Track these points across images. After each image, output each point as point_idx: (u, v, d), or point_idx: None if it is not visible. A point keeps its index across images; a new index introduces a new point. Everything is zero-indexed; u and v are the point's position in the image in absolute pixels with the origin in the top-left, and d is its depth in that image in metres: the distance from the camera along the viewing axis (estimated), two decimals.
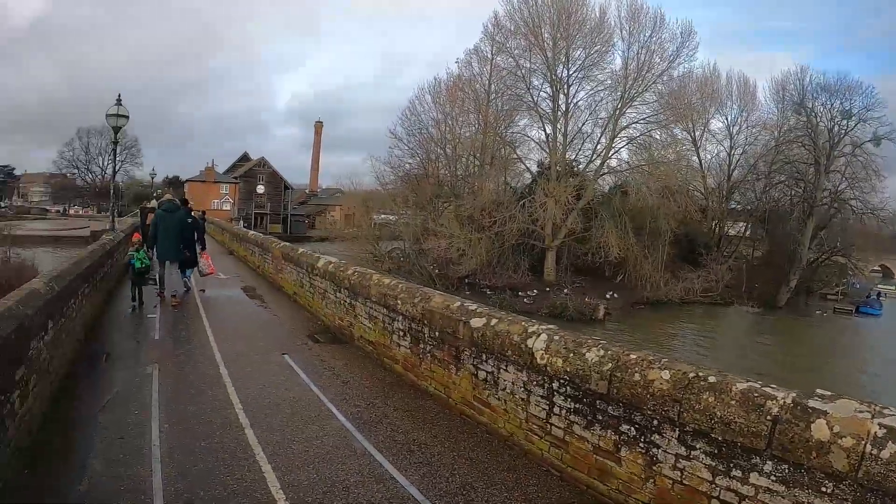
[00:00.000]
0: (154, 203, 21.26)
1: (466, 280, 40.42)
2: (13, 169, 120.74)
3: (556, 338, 5.74)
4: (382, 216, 53.67)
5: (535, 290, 40.57)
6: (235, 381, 8.05)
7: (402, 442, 6.30)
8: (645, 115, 43.41)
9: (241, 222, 58.79)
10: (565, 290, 40.16)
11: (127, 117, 19.13)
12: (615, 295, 41.35)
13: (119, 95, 18.81)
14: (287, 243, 18.73)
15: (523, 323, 6.31)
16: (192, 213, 16.53)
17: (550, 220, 41.63)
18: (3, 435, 4.94)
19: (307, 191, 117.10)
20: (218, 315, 13.02)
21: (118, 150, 21.78)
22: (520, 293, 39.59)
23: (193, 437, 6.18)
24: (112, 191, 26.39)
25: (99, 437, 6.13)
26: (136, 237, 14.98)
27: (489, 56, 47.50)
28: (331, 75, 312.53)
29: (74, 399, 7.22)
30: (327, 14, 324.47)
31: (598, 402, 5.11)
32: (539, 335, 5.89)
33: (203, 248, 16.16)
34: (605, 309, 37.42)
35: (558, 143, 43.67)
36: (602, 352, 5.22)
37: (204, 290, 15.76)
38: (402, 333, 8.58)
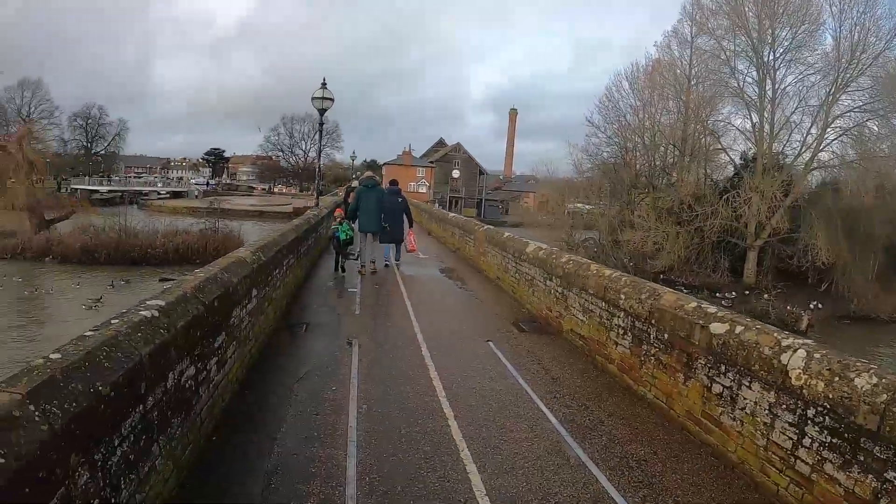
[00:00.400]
0: (356, 183, 22.43)
1: (661, 276, 38.27)
2: (224, 151, 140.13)
3: (817, 356, 4.73)
4: (577, 205, 52.56)
5: (733, 293, 37.61)
6: (438, 365, 7.76)
7: (618, 455, 5.66)
8: (860, 103, 38.18)
9: (437, 205, 60.30)
10: (765, 295, 36.80)
11: (332, 100, 20.12)
12: (819, 305, 36.99)
13: (324, 79, 19.86)
14: (491, 226, 18.50)
15: (775, 334, 5.32)
16: (402, 193, 17.27)
17: (755, 218, 38.39)
18: (197, 401, 4.95)
19: (501, 177, 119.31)
20: (418, 294, 13.13)
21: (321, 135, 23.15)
22: (717, 294, 36.86)
23: (393, 423, 5.90)
24: (318, 169, 27.96)
25: (293, 411, 6.08)
26: (339, 212, 16.32)
27: (689, 38, 44.23)
28: (524, 64, 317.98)
29: (271, 369, 7.32)
30: (518, 5, 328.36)
31: (862, 439, 4.15)
32: (795, 350, 4.92)
33: (410, 226, 17.25)
34: (808, 319, 33.65)
35: (764, 134, 39.96)
36: (875, 379, 4.19)
37: (399, 266, 16.51)
38: (621, 331, 7.83)
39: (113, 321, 3.97)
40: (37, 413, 2.68)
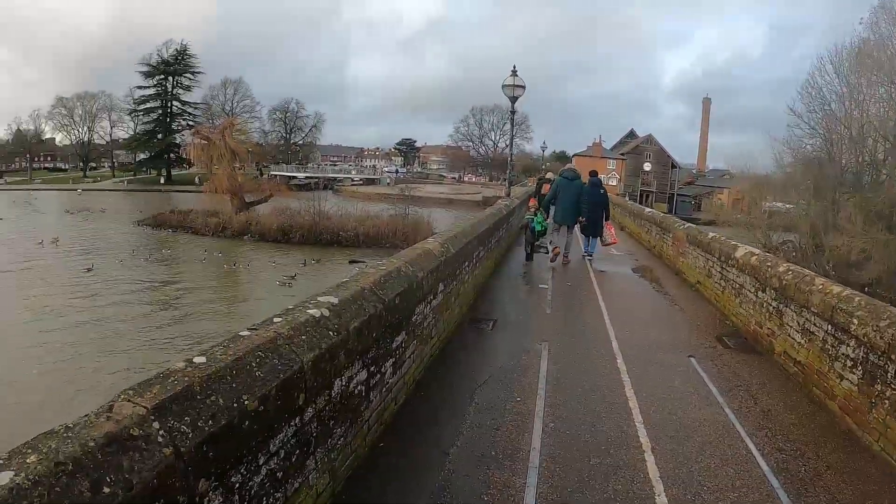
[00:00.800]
0: (550, 174, 22.11)
1: (866, 289, 34.07)
2: (415, 141, 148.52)
3: None
4: (775, 203, 48.45)
5: None
6: (635, 382, 6.86)
7: None
8: None
9: (627, 198, 58.13)
10: None
11: (523, 87, 19.64)
12: None
13: (514, 67, 19.45)
14: (692, 225, 17.11)
15: None
16: (602, 186, 17.05)
17: None
18: (366, 407, 4.59)
19: (694, 171, 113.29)
20: (612, 293, 12.30)
21: (509, 127, 22.87)
22: None
23: (581, 449, 5.13)
24: (510, 158, 27.54)
25: (470, 422, 5.55)
26: (533, 202, 16.14)
27: None
28: (717, 51, 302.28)
29: (451, 369, 6.88)
30: None
31: None
32: None
33: (607, 219, 16.74)
34: None
35: None
36: None
37: (592, 261, 15.81)
38: (849, 363, 6.35)
39: (275, 320, 3.56)
40: (161, 432, 2.26)
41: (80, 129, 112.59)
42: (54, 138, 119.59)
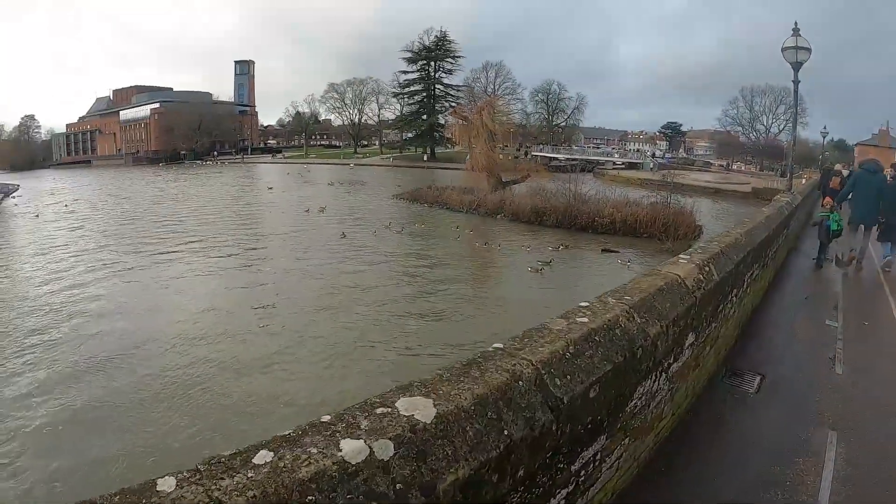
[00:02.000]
0: (839, 166, 21.20)
1: None
2: (680, 125, 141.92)
3: None
4: None
5: None
6: None
7: None
8: None
9: None
10: None
11: (808, 50, 16.46)
12: None
13: (796, 24, 16.33)
14: None
15: None
16: None
17: None
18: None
19: None
20: None
21: (782, 110, 19.23)
22: None
23: None
24: (792, 143, 23.62)
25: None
26: (828, 201, 14.45)
27: None
28: None
29: (682, 467, 4.84)
30: None
31: None
32: None
33: None
34: None
35: None
36: None
37: (889, 270, 12.99)
38: None
39: None
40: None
41: (351, 111, 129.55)
42: (329, 119, 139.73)
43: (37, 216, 44.21)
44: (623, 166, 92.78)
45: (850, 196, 13.38)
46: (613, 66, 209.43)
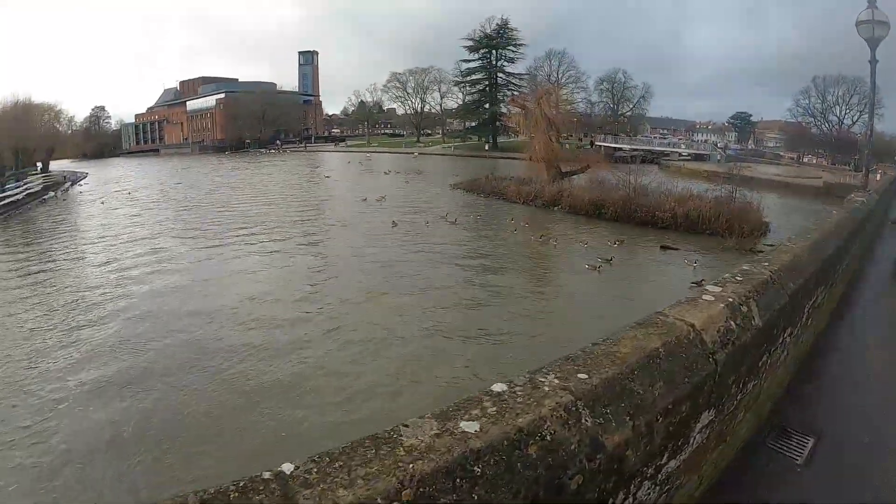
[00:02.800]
0: None
1: None
2: (750, 115, 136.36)
3: None
4: None
5: None
6: None
7: None
8: None
9: None
10: None
11: (886, 24, 14.91)
12: None
13: None
14: None
15: None
16: None
17: None
18: None
19: None
20: None
21: (856, 101, 17.16)
22: None
23: None
24: (869, 133, 21.46)
25: None
26: None
27: None
28: None
29: None
30: None
31: None
32: None
33: None
34: None
35: None
36: None
37: None
38: None
39: None
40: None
41: (414, 100, 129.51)
42: (394, 108, 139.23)
43: (102, 202, 46.48)
44: (689, 157, 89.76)
45: None
46: (682, 55, 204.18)
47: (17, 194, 51.52)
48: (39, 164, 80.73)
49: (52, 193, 55.81)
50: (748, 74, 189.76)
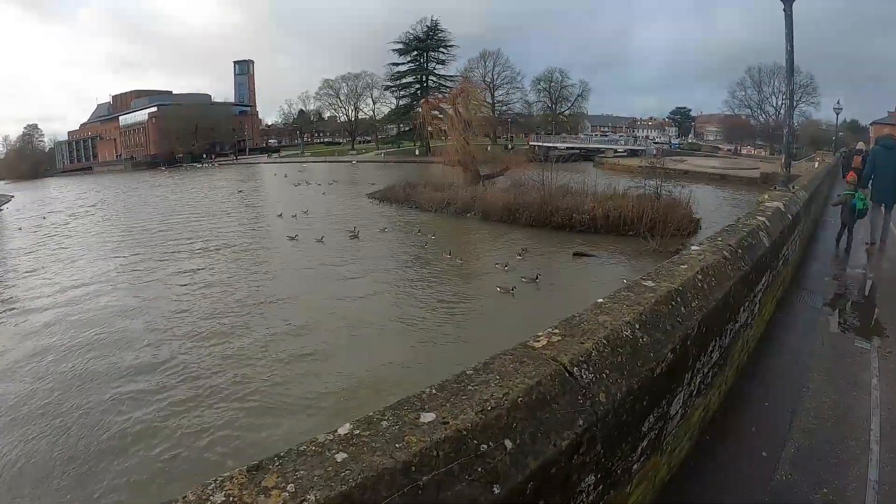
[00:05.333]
0: (861, 145, 20.02)
1: None
2: (689, 110, 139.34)
3: None
4: None
5: None
6: None
7: None
8: None
9: None
10: None
11: None
12: None
13: None
14: None
15: None
16: None
17: None
18: None
19: None
20: None
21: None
22: None
23: None
24: (790, 106, 17.49)
25: None
26: (852, 176, 13.82)
27: None
28: None
29: None
30: None
31: None
32: None
33: None
34: None
35: None
36: None
37: None
38: None
39: None
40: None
41: (347, 107, 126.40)
42: (335, 116, 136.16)
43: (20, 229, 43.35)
44: (625, 154, 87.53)
45: (872, 175, 12.29)
46: (630, 52, 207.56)
47: None
48: None
49: None
50: (694, 69, 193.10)
